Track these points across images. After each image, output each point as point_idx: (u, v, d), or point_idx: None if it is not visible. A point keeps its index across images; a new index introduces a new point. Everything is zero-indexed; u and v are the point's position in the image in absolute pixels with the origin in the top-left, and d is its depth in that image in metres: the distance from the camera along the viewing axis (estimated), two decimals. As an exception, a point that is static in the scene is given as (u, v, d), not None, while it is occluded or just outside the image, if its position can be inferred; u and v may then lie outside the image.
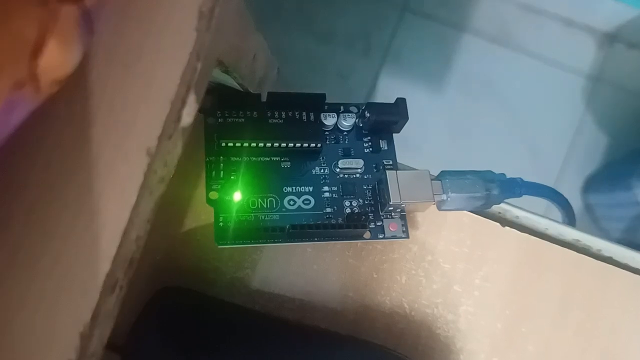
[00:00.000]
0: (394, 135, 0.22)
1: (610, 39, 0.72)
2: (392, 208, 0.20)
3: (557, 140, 0.70)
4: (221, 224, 0.19)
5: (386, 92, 0.68)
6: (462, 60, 0.70)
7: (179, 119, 0.12)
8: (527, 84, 0.70)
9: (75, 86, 0.12)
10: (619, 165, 0.68)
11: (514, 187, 0.21)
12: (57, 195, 0.12)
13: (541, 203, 0.25)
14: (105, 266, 0.12)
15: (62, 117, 0.12)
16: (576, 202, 0.69)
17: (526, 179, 0.22)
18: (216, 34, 0.13)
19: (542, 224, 0.22)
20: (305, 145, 0.21)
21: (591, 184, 0.69)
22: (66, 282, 0.12)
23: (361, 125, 0.22)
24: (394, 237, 0.20)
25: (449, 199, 0.20)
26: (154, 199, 0.13)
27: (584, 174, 0.69)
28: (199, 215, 0.21)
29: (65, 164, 0.12)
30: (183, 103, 0.12)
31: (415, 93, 0.68)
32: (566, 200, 0.23)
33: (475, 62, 0.70)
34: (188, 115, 0.13)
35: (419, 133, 0.66)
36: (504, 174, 0.21)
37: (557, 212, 0.26)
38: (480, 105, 0.69)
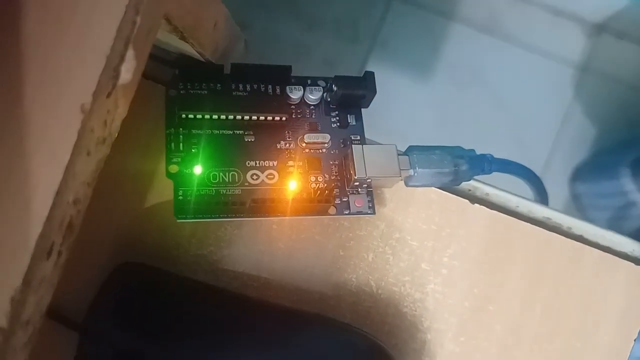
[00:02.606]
0: (365, 119, 0.22)
1: (599, 29, 0.71)
2: (357, 183, 0.20)
3: (544, 129, 0.69)
4: (180, 197, 0.19)
5: (373, 80, 0.67)
6: (450, 48, 0.70)
7: (117, 75, 0.12)
8: (515, 73, 0.70)
9: (6, 42, 0.11)
10: (607, 154, 0.68)
11: (483, 164, 0.21)
12: (-14, 154, 0.11)
13: (522, 182, 0.24)
14: (36, 228, 0.11)
15: (-8, 73, 0.11)
16: (563, 192, 0.69)
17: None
18: (158, -11, 0.12)
19: (512, 201, 0.22)
20: (270, 118, 0.20)
21: (579, 174, 0.69)
22: (-5, 246, 0.11)
23: (329, 99, 0.21)
24: (359, 213, 0.20)
25: (416, 174, 0.20)
26: (94, 160, 0.13)
27: (571, 163, 0.69)
28: (162, 190, 0.21)
29: (-6, 121, 0.11)
30: (121, 58, 0.12)
31: (403, 81, 0.68)
32: (537, 177, 0.23)
33: (463, 51, 0.70)
34: (127, 72, 0.12)
35: (405, 121, 0.65)
36: (473, 150, 0.21)
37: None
38: (467, 94, 0.69)
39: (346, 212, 0.20)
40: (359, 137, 0.21)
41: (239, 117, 0.20)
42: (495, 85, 0.69)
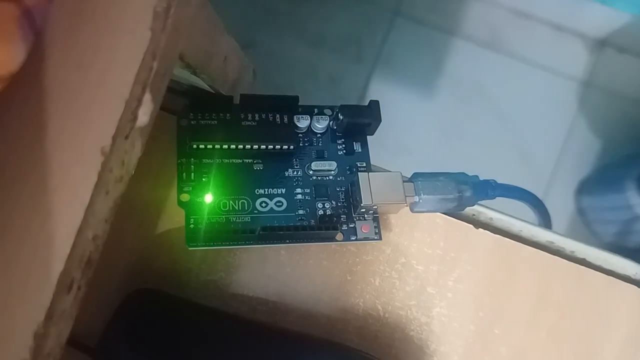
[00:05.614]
0: (370, 137, 0.22)
1: (601, 43, 0.72)
2: (364, 210, 0.20)
3: (548, 144, 0.70)
4: (192, 225, 0.19)
5: (377, 97, 0.67)
6: (453, 64, 0.70)
7: (134, 118, 0.13)
8: (518, 88, 0.70)
9: (30, 86, 0.12)
10: (612, 169, 0.68)
11: (486, 189, 0.21)
12: (11, 195, 0.12)
13: (526, 206, 0.25)
14: (58, 265, 0.12)
15: (17, 118, 0.12)
16: (569, 206, 0.69)
17: (517, 183, 0.22)
18: (173, 34, 0.13)
19: (516, 225, 0.22)
20: (278, 147, 0.21)
21: (584, 188, 0.69)
22: (19, 282, 0.12)
23: (335, 127, 0.22)
24: (366, 238, 0.20)
25: (421, 200, 0.20)
26: (112, 198, 0.13)
27: (576, 177, 0.69)
28: (173, 217, 0.21)
29: (19, 164, 0.12)
30: (139, 102, 0.12)
31: (406, 97, 0.68)
32: (540, 201, 0.23)
33: (466, 67, 0.70)
34: (144, 115, 0.13)
35: (409, 137, 0.66)
36: (477, 176, 0.21)
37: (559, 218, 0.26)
38: (471, 109, 0.69)
39: (353, 238, 0.20)
40: (365, 164, 0.22)
41: (248, 146, 0.20)
42: (498, 101, 0.70)
